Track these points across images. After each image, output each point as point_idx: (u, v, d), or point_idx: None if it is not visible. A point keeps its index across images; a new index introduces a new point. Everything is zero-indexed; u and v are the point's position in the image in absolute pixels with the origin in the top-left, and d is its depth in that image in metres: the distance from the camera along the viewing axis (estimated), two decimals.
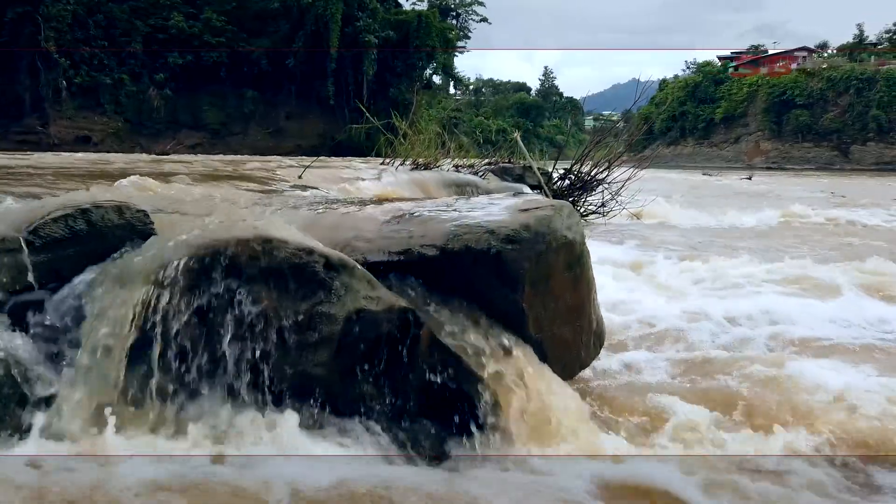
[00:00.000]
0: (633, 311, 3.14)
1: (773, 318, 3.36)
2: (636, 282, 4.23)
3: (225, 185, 3.13)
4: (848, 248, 5.98)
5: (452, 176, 5.37)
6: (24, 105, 42.28)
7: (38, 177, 3.80)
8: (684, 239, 6.37)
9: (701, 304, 3.53)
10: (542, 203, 1.82)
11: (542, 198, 2.09)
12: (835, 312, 3.65)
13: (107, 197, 1.99)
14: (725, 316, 3.33)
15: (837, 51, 73.66)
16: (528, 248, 1.66)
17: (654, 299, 3.67)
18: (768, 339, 3.07)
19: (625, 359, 2.27)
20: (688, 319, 3.07)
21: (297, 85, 46.70)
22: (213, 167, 5.83)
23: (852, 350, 3.02)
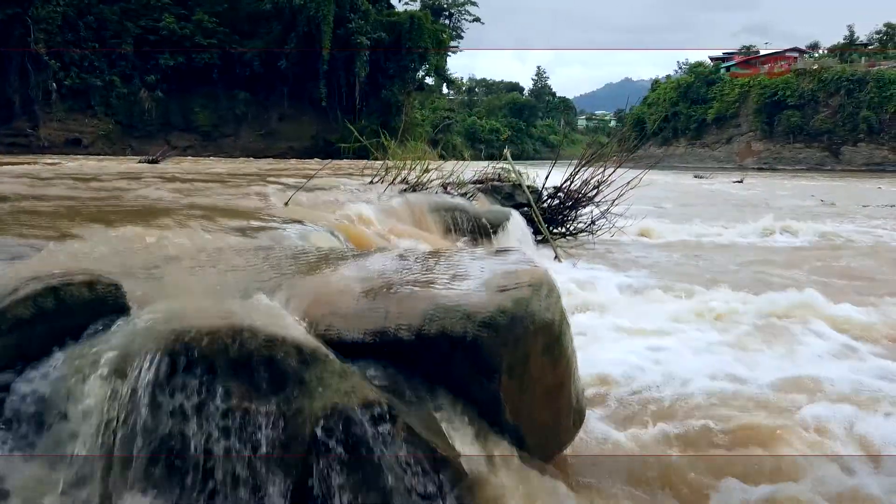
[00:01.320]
0: (613, 364, 3.07)
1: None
2: (611, 321, 4.11)
3: (202, 227, 3.08)
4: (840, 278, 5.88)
5: (441, 200, 5.34)
6: (14, 107, 41.98)
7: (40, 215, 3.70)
8: (670, 261, 6.32)
9: (677, 352, 3.42)
10: (522, 279, 1.80)
11: (524, 264, 2.06)
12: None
13: (78, 266, 1.96)
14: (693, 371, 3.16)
15: (829, 51, 74.08)
16: (505, 334, 1.63)
17: (629, 346, 3.53)
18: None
19: (603, 432, 2.23)
20: (662, 376, 2.99)
21: (289, 87, 46.58)
22: (196, 188, 5.74)
23: None
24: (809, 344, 3.80)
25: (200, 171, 11.07)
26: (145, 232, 2.72)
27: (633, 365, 3.09)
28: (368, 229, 4.28)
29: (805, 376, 3.18)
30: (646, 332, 3.74)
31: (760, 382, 3.06)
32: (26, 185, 5.77)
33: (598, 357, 3.12)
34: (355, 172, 11.08)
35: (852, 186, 27.34)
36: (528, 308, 1.69)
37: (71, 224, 3.06)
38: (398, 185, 6.37)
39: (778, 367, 3.36)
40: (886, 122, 59.17)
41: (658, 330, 3.83)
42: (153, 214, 3.49)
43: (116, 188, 5.58)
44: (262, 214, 4.06)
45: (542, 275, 1.89)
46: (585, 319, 3.90)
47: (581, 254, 6.66)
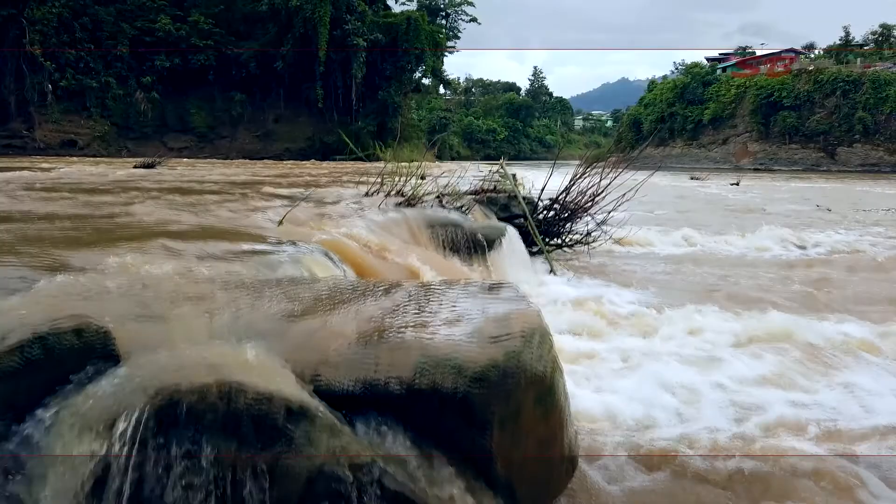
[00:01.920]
0: (609, 401, 2.99)
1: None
2: (611, 345, 3.98)
3: (194, 254, 3.06)
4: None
5: (436, 215, 5.33)
6: (9, 109, 41.86)
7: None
8: (667, 274, 6.29)
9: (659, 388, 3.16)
10: (514, 327, 1.79)
11: (517, 304, 2.05)
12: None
13: (66, 310, 1.94)
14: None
15: (824, 51, 74.26)
16: (497, 389, 1.62)
17: (630, 378, 3.36)
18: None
19: (596, 478, 2.20)
20: (667, 413, 2.92)
21: (285, 88, 46.52)
22: (189, 203, 5.70)
23: None
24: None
25: (195, 179, 11.01)
26: (135, 261, 2.70)
27: (632, 399, 3.00)
28: (364, 249, 4.26)
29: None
30: (648, 359, 3.60)
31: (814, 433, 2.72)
32: (15, 199, 5.71)
33: (593, 393, 3.04)
34: (351, 180, 11.06)
35: (848, 189, 27.38)
36: (520, 361, 1.68)
37: (61, 251, 3.03)
38: (394, 197, 6.35)
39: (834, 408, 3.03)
40: (882, 124, 59.31)
41: (661, 355, 3.72)
42: (144, 238, 3.46)
43: (108, 203, 5.54)
44: (256, 235, 4.03)
45: (534, 320, 1.87)
46: (582, 345, 3.81)
47: (576, 265, 6.65)
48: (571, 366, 3.32)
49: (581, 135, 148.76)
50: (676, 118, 75.88)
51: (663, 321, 4.39)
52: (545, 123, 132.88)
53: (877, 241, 8.63)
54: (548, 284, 5.49)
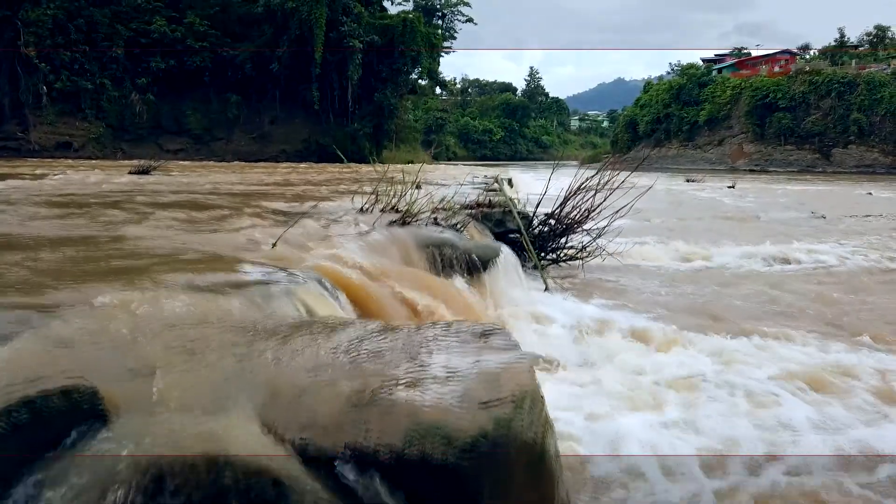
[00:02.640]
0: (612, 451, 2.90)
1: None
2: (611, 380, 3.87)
3: (183, 288, 3.05)
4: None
5: (431, 235, 5.32)
6: (4, 111, 41.78)
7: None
8: (665, 292, 6.27)
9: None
10: (504, 391, 1.78)
11: (508, 356, 2.04)
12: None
13: (53, 368, 1.93)
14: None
15: (819, 52, 74.53)
16: (487, 459, 1.62)
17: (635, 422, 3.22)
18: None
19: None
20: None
21: (281, 90, 46.49)
22: (181, 222, 5.67)
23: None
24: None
25: (190, 189, 10.96)
26: (124, 302, 2.68)
27: (644, 444, 2.87)
28: (359, 274, 4.25)
29: None
30: (648, 403, 3.35)
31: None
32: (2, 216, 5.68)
33: (592, 438, 2.96)
34: (349, 189, 11.03)
35: (843, 193, 27.45)
36: (511, 429, 1.67)
37: (45, 288, 3.01)
38: (389, 213, 6.33)
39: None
40: (877, 125, 59.52)
41: (662, 398, 3.56)
42: (134, 271, 3.43)
43: (99, 223, 5.51)
44: (249, 261, 4.01)
45: (525, 381, 1.87)
46: (577, 379, 3.72)
47: (571, 281, 6.65)
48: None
49: (577, 135, 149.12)
50: (672, 119, 76.06)
51: (672, 347, 4.31)
52: (541, 124, 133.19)
53: (871, 256, 8.62)
54: (541, 303, 5.47)
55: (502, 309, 5.01)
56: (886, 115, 58.67)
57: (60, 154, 41.58)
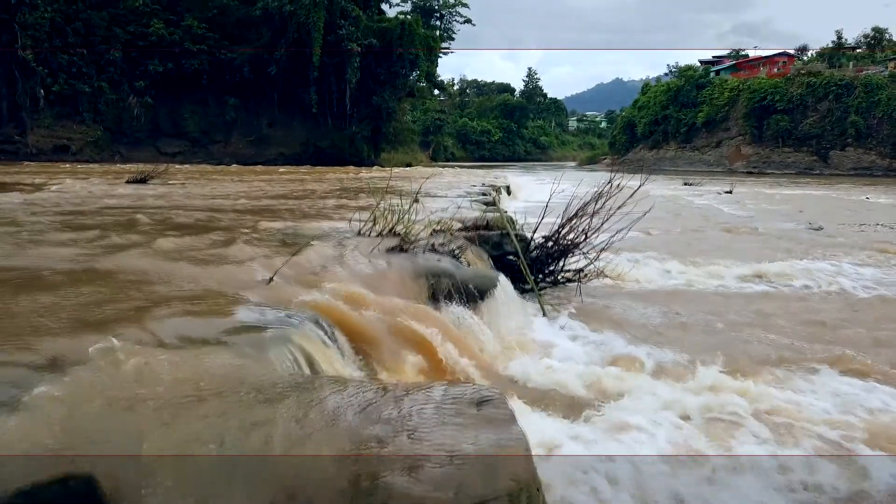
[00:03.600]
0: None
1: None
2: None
3: (172, 339, 3.06)
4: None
5: (428, 265, 5.34)
6: (2, 114, 41.71)
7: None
8: (666, 318, 6.23)
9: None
10: (500, 485, 1.80)
11: (507, 435, 2.06)
12: None
13: (50, 450, 1.95)
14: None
15: (817, 54, 74.69)
16: None
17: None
18: None
19: None
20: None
21: (279, 93, 46.49)
22: (174, 250, 5.65)
23: None
24: None
25: (186, 204, 10.93)
26: (111, 362, 2.68)
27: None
28: (357, 310, 4.27)
29: None
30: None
31: None
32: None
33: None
34: (347, 205, 11.01)
35: (840, 199, 27.49)
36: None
37: (33, 339, 3.00)
38: (387, 237, 6.34)
39: None
40: (874, 128, 59.64)
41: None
42: (125, 317, 3.42)
43: (91, 252, 5.50)
44: (244, 300, 4.01)
45: (523, 471, 1.89)
46: (579, 433, 3.67)
47: (569, 305, 6.66)
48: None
49: (575, 136, 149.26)
50: (670, 121, 76.15)
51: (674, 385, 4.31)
52: (539, 125, 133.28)
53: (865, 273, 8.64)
54: (538, 331, 5.49)
55: (500, 341, 5.03)
56: (884, 117, 58.81)
57: (58, 157, 41.52)
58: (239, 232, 7.02)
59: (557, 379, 4.41)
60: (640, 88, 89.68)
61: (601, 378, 4.28)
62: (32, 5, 40.06)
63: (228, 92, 46.23)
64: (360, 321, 4.12)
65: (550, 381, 4.37)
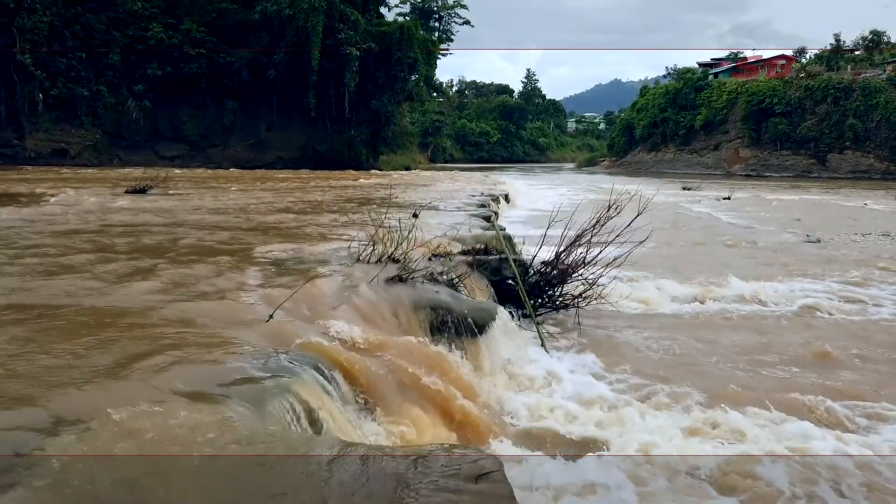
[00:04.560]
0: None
1: None
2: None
3: (170, 393, 3.06)
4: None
5: (428, 296, 5.37)
6: (0, 118, 41.67)
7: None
8: (674, 349, 6.22)
9: None
10: None
11: None
12: None
13: None
14: None
15: (815, 56, 74.82)
16: None
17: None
18: None
19: None
20: None
21: (278, 96, 46.50)
22: (168, 283, 5.63)
23: None
24: None
25: (186, 219, 10.92)
26: (101, 425, 2.67)
27: None
28: (357, 352, 4.29)
29: None
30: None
31: None
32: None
33: None
34: (350, 221, 10.99)
35: (838, 204, 27.54)
36: None
37: (25, 402, 2.99)
38: (386, 262, 6.36)
39: None
40: (872, 131, 59.77)
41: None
42: (116, 372, 3.39)
43: (92, 278, 5.50)
44: (242, 342, 4.00)
45: None
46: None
47: (568, 332, 6.68)
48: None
49: (574, 137, 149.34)
50: (669, 123, 76.25)
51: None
52: (538, 126, 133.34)
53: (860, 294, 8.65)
54: (536, 364, 5.50)
55: (498, 377, 5.06)
56: (882, 120, 58.94)
57: (56, 161, 41.50)
58: (239, 257, 7.02)
59: (555, 419, 4.44)
60: (639, 90, 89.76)
61: (601, 421, 4.29)
62: (31, 9, 40.05)
63: (227, 96, 46.23)
64: (361, 364, 4.13)
65: (548, 422, 4.39)
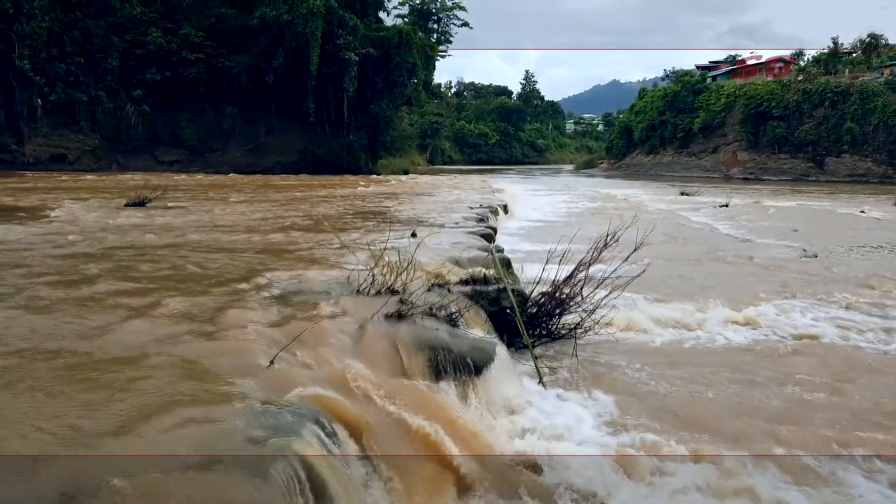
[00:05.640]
0: None
1: None
2: None
3: (159, 468, 3.06)
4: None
5: (427, 335, 5.44)
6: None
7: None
8: (673, 384, 6.25)
9: None
10: None
11: None
12: None
13: None
14: None
15: (813, 59, 75.05)
16: None
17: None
18: None
19: None
20: None
21: (276, 101, 46.58)
22: (167, 318, 5.63)
23: None
24: None
25: (186, 238, 10.92)
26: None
27: None
28: (361, 404, 4.33)
29: None
30: None
31: None
32: None
33: None
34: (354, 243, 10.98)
35: (836, 212, 27.64)
36: None
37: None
38: (385, 298, 6.41)
39: None
40: (870, 134, 59.96)
41: None
42: (108, 440, 3.39)
43: (91, 314, 5.49)
44: (239, 397, 3.98)
45: None
46: None
47: (566, 362, 6.73)
48: None
49: (573, 138, 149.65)
50: (667, 126, 76.48)
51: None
52: (537, 127, 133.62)
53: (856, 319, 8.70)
54: (535, 405, 5.54)
55: (497, 421, 5.12)
56: (879, 124, 59.13)
57: (55, 167, 41.55)
58: (239, 286, 7.00)
59: (556, 469, 4.48)
60: (638, 92, 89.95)
61: (605, 474, 4.34)
62: (30, 15, 40.10)
63: (226, 100, 46.31)
64: (364, 417, 4.17)
65: (550, 477, 4.42)
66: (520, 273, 9.14)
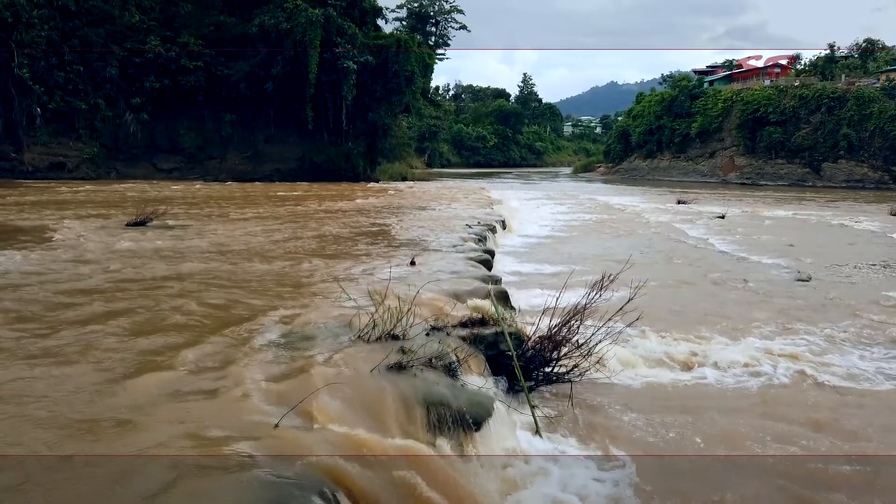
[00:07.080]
0: None
1: None
2: None
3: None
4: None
5: (426, 390, 5.57)
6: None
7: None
8: (649, 433, 6.43)
9: None
10: None
11: None
12: None
13: None
14: None
15: (810, 63, 75.37)
16: None
17: None
18: None
19: None
20: None
21: (275, 109, 46.71)
22: (167, 368, 5.67)
23: None
24: None
25: (188, 267, 10.98)
26: None
27: None
28: (363, 468, 4.46)
29: None
30: None
31: None
32: None
33: None
34: (360, 273, 11.06)
35: (832, 224, 27.78)
36: None
37: None
38: (386, 346, 6.54)
39: None
40: (866, 140, 60.20)
41: None
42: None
43: (89, 366, 5.53)
44: (243, 466, 4.01)
45: None
46: None
47: (563, 407, 6.87)
48: None
49: (570, 141, 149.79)
50: (664, 131, 76.68)
51: None
52: (535, 130, 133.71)
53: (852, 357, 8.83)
54: (533, 460, 5.67)
55: (495, 479, 5.26)
56: (875, 130, 59.37)
57: (54, 175, 41.65)
58: (241, 330, 7.03)
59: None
60: (635, 96, 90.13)
61: None
62: (29, 24, 40.20)
63: (225, 108, 46.44)
64: (367, 483, 4.32)
65: None
66: (517, 302, 9.25)
